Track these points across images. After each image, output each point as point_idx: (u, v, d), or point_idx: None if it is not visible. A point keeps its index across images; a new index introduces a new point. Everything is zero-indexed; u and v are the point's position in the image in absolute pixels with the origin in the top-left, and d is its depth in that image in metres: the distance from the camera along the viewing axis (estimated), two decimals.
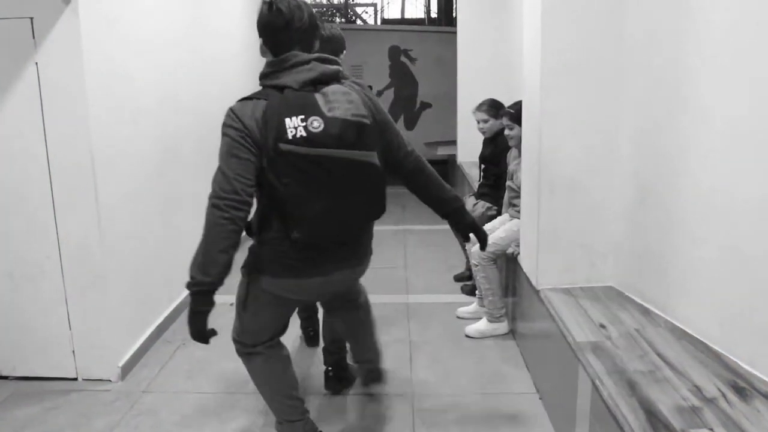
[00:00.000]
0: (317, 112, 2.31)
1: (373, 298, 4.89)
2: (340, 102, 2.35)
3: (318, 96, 2.34)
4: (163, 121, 4.33)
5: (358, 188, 2.45)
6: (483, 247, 2.93)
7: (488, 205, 4.68)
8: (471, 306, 4.57)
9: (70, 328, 3.56)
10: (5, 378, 3.66)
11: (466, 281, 5.10)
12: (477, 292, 4.44)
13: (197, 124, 5.06)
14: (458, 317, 4.55)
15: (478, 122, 4.79)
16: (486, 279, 4.18)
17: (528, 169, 3.51)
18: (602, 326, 2.88)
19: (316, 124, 2.30)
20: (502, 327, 4.21)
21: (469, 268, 5.06)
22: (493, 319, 4.21)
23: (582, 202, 3.29)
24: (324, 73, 2.38)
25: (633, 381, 2.38)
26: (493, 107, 4.72)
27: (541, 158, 3.25)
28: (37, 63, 3.27)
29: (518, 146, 4.06)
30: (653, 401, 2.23)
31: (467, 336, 4.21)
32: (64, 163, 3.37)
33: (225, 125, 2.45)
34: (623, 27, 3.10)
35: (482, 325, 4.24)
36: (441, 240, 5.89)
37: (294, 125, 2.28)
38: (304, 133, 2.28)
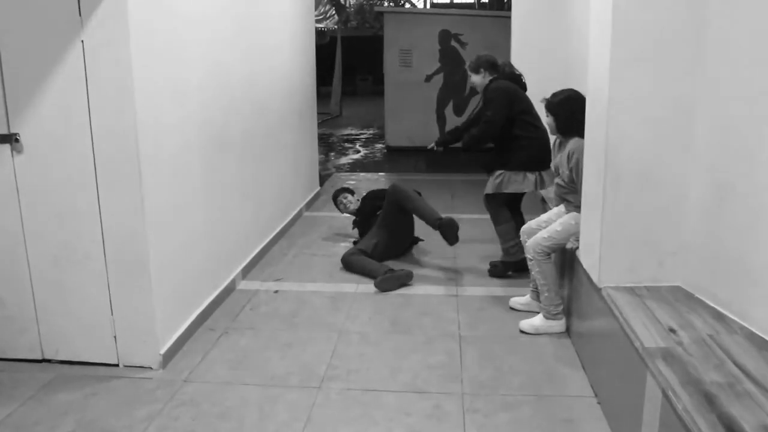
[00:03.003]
0: None
1: (421, 290, 4.80)
2: None
3: None
4: (210, 105, 4.23)
5: None
6: None
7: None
8: (524, 297, 4.38)
9: (112, 314, 3.49)
10: (48, 361, 3.61)
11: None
12: (531, 284, 4.27)
13: (246, 109, 4.96)
14: (511, 308, 4.38)
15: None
16: (541, 274, 3.98)
17: (591, 160, 3.29)
18: (672, 330, 2.67)
19: None
20: (559, 325, 4.00)
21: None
22: (549, 316, 4.01)
23: (650, 196, 3.07)
24: None
25: (710, 394, 2.18)
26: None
27: (607, 149, 3.04)
28: (83, 41, 3.18)
29: (555, 135, 4.05)
30: (735, 418, 2.02)
31: (521, 331, 4.03)
32: (108, 146, 3.28)
33: None
34: (704, 12, 2.87)
35: (538, 320, 4.04)
36: (492, 229, 5.68)
37: None
38: None
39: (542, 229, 4.04)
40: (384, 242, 5.27)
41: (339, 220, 6.71)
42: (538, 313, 4.09)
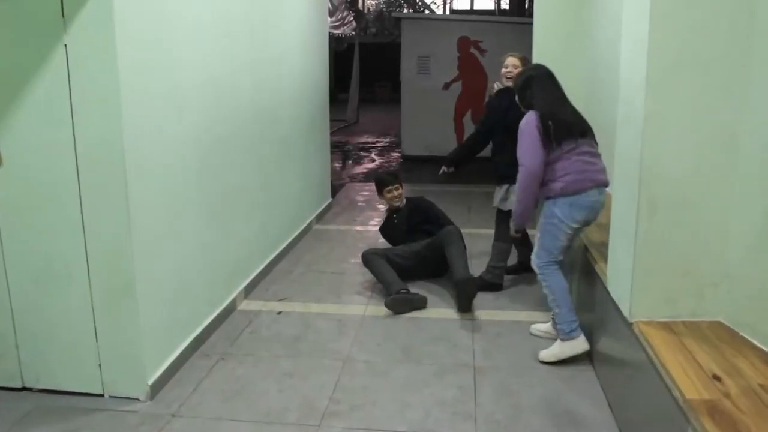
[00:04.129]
0: None
1: (435, 313, 4.49)
2: None
3: None
4: (212, 114, 3.95)
5: None
6: None
7: None
8: (546, 324, 4.06)
9: (97, 340, 3.21)
10: (29, 389, 3.34)
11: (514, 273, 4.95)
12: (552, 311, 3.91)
13: (252, 117, 4.68)
14: (531, 334, 4.06)
15: None
16: (549, 288, 3.69)
17: (624, 181, 2.97)
18: (716, 378, 2.34)
19: None
20: (579, 342, 3.64)
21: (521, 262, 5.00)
22: (565, 336, 3.66)
23: (690, 222, 2.74)
24: None
25: None
26: None
27: (641, 170, 2.71)
28: (66, 45, 2.91)
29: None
30: None
31: (541, 362, 3.70)
32: (93, 155, 3.01)
33: None
34: (752, 16, 2.55)
35: (556, 347, 3.71)
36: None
37: None
38: None
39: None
40: (410, 267, 4.91)
41: (350, 234, 6.42)
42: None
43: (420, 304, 4.46)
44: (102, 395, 3.28)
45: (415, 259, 4.93)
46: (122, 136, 2.97)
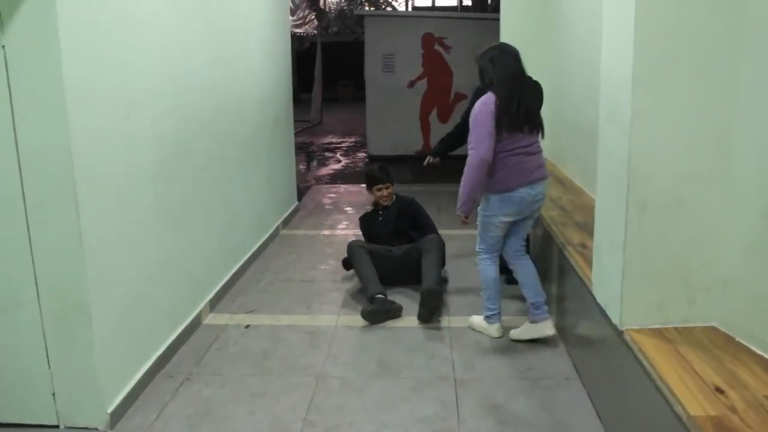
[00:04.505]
0: None
1: (410, 321, 4.31)
2: None
3: None
4: (168, 117, 3.71)
5: None
6: None
7: None
8: (523, 326, 3.96)
9: (50, 367, 2.96)
10: None
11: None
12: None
13: (212, 120, 4.43)
14: (512, 340, 3.94)
15: None
16: (481, 276, 3.94)
17: (609, 182, 2.81)
18: (719, 390, 2.19)
19: None
20: (492, 330, 3.97)
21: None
22: (485, 317, 3.99)
23: (681, 224, 2.60)
24: None
25: None
26: None
27: (630, 171, 2.56)
28: (3, 46, 2.66)
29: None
30: None
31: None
32: (38, 165, 2.75)
33: None
34: (743, 7, 2.41)
35: (477, 318, 4.07)
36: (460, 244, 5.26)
37: None
38: None
39: None
40: (388, 271, 4.69)
41: (318, 240, 6.21)
42: (538, 339, 3.88)
43: (396, 314, 4.27)
44: (57, 426, 3.03)
45: (393, 264, 4.73)
46: (70, 142, 2.72)
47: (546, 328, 3.83)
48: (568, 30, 5.67)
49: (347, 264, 4.93)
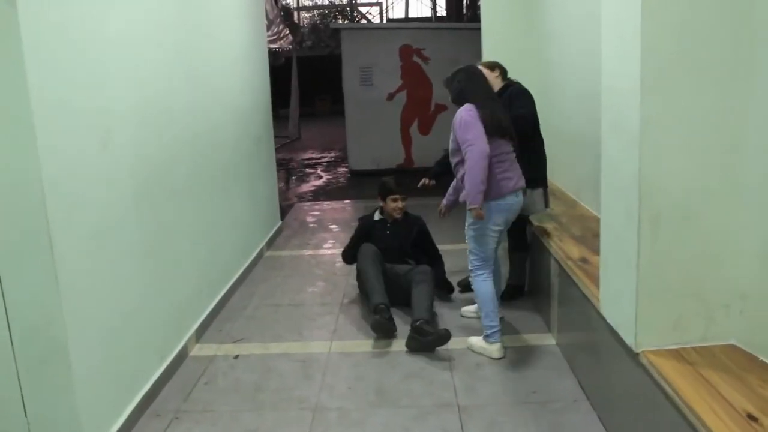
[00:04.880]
0: None
1: (400, 346, 4.10)
2: None
3: None
4: (146, 141, 3.52)
5: None
6: None
7: None
8: (474, 306, 4.30)
9: (26, 415, 2.74)
10: None
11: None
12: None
13: (192, 141, 4.24)
14: (462, 316, 4.42)
15: None
16: (476, 293, 3.92)
17: (617, 195, 2.67)
18: (752, 418, 2.05)
19: None
20: (493, 350, 3.84)
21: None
22: (485, 337, 3.88)
23: (697, 237, 2.47)
24: None
25: None
26: None
27: (641, 183, 2.42)
28: None
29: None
30: None
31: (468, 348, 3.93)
32: (6, 198, 2.56)
33: None
34: (752, 6, 2.30)
35: (475, 339, 3.96)
36: (459, 261, 5.12)
37: None
38: None
39: None
40: (389, 288, 4.49)
41: (304, 260, 6.03)
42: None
43: (391, 333, 4.13)
44: None
45: (393, 283, 4.54)
46: (40, 174, 2.53)
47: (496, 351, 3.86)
48: (553, 36, 5.57)
49: (349, 258, 4.84)
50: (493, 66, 4.50)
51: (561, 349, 3.88)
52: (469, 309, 4.44)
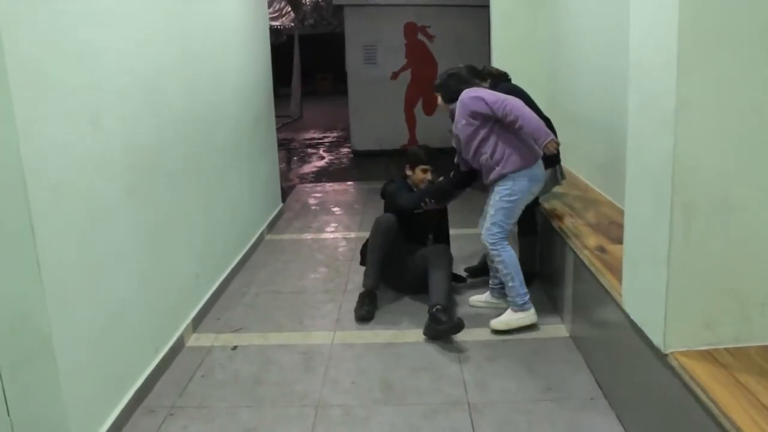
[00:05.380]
0: None
1: (412, 336, 3.93)
2: None
3: None
4: (137, 120, 3.31)
5: None
6: None
7: None
8: (484, 295, 4.23)
9: (9, 415, 2.56)
10: None
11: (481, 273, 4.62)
12: (491, 281, 4.17)
13: (188, 121, 4.03)
14: (471, 306, 4.24)
15: None
16: (502, 263, 3.79)
17: (646, 183, 2.47)
18: None
19: None
20: (529, 316, 3.82)
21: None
22: (517, 307, 3.82)
23: (734, 229, 2.27)
24: None
25: None
26: None
27: (675, 169, 2.22)
28: None
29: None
30: None
31: (493, 330, 3.82)
32: None
33: None
34: None
35: (506, 316, 3.84)
36: (471, 246, 4.93)
37: None
38: None
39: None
40: (398, 272, 4.35)
41: (305, 245, 5.83)
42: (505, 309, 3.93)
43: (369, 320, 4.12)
44: None
45: (408, 263, 4.35)
46: (20, 158, 2.33)
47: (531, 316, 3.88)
48: (566, 11, 5.32)
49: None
50: (483, 79, 4.29)
51: (575, 341, 3.69)
52: (478, 298, 4.25)
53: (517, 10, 6.04)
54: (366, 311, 4.09)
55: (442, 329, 3.73)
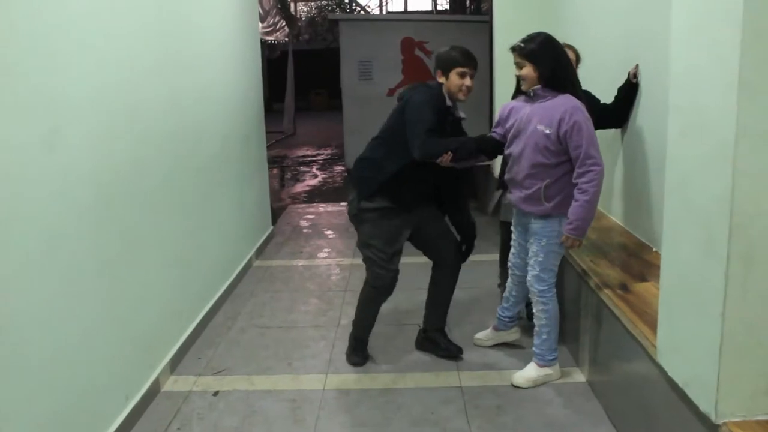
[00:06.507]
0: None
1: (410, 380, 3.50)
2: None
3: None
4: (105, 139, 2.93)
5: None
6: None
7: None
8: (486, 331, 3.88)
9: None
10: None
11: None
12: (499, 311, 3.78)
13: (167, 136, 3.65)
14: (476, 345, 3.85)
15: None
16: (546, 314, 3.36)
17: (689, 222, 2.12)
18: None
19: None
20: (555, 372, 3.46)
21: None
22: (544, 363, 3.42)
23: None
24: None
25: None
26: None
27: (734, 209, 1.87)
28: None
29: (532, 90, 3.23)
30: None
31: (514, 386, 3.39)
32: None
33: None
34: None
35: (531, 370, 3.43)
36: (475, 275, 4.58)
37: None
38: None
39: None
40: (416, 191, 3.60)
41: (297, 272, 5.46)
42: (507, 343, 3.80)
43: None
44: None
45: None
46: None
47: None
48: (575, 27, 5.00)
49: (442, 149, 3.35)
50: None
51: (593, 388, 3.33)
52: (483, 336, 3.88)
53: (522, 23, 5.70)
54: (359, 359, 3.72)
55: (441, 355, 3.70)
